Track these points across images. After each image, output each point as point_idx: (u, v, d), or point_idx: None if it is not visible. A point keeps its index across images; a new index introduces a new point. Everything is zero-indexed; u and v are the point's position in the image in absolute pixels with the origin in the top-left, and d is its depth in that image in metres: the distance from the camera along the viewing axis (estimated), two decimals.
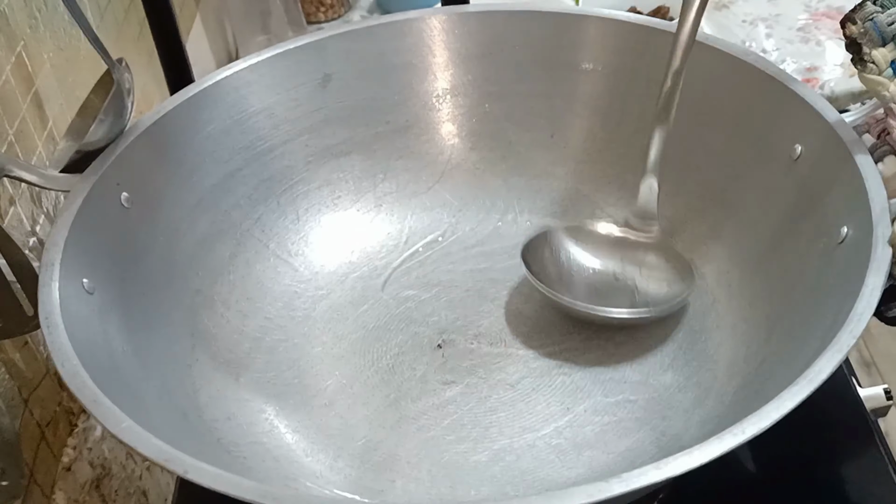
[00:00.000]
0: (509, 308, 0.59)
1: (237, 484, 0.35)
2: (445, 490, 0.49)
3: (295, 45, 0.61)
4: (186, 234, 0.57)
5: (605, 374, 0.54)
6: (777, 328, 0.49)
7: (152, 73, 0.80)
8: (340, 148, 0.64)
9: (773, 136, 0.54)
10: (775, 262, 0.52)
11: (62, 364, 0.41)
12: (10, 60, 0.53)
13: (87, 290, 0.47)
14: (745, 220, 0.55)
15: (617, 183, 0.63)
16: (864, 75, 0.46)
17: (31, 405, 0.52)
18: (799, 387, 0.37)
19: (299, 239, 0.62)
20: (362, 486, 0.49)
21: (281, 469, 0.49)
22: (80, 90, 0.62)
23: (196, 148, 0.58)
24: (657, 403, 0.51)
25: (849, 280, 0.43)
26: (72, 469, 0.56)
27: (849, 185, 0.47)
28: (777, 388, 0.38)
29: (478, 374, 0.55)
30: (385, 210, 0.65)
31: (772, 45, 1.06)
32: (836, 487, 0.48)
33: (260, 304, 0.59)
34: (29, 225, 0.54)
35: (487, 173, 0.65)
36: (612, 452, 0.49)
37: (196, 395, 0.51)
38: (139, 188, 0.54)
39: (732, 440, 0.35)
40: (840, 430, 0.51)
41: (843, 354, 0.38)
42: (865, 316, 0.39)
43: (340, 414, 0.53)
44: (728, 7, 1.13)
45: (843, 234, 0.46)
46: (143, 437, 0.37)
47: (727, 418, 0.45)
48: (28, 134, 0.55)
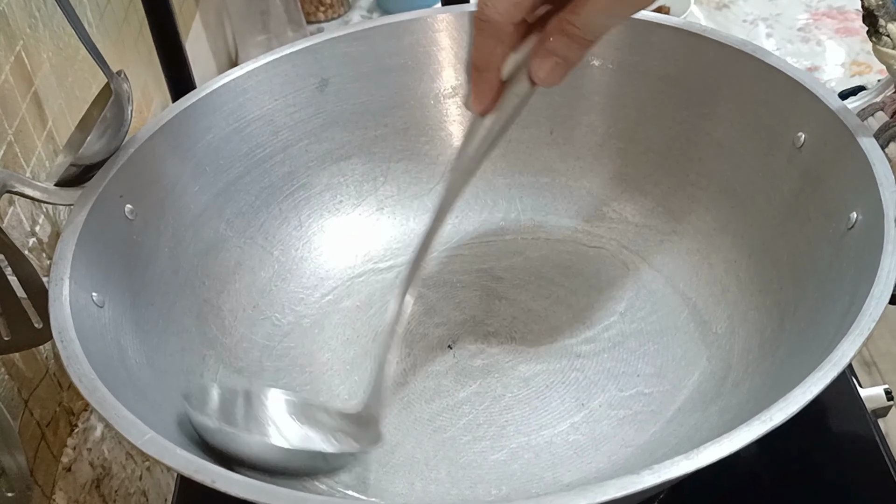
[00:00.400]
0: (518, 306, 0.59)
1: (269, 491, 0.35)
2: (466, 490, 0.48)
3: (291, 49, 0.61)
4: (191, 244, 0.56)
5: (617, 369, 0.54)
6: (790, 315, 0.49)
7: (152, 73, 0.80)
8: (340, 152, 0.64)
9: (775, 124, 0.54)
10: (784, 249, 0.52)
11: (79, 379, 0.40)
12: (10, 60, 0.53)
13: (97, 303, 0.47)
14: (751, 210, 0.56)
15: (618, 178, 0.63)
16: (878, 48, 0.46)
17: (31, 405, 0.52)
18: (823, 371, 0.37)
19: (303, 245, 0.62)
20: (382, 489, 0.49)
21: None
22: (79, 90, 0.61)
23: (197, 157, 0.57)
24: (672, 395, 0.51)
25: (861, 265, 0.44)
26: (72, 469, 0.56)
27: (855, 170, 0.47)
28: (798, 373, 0.38)
29: (490, 373, 0.54)
30: (387, 213, 0.65)
31: (772, 44, 1.07)
32: (836, 488, 0.48)
33: (267, 311, 0.59)
34: (28, 225, 0.54)
35: (488, 172, 0.65)
36: (631, 446, 0.49)
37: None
38: (142, 199, 0.53)
39: (761, 427, 0.35)
40: (840, 431, 0.51)
41: (865, 337, 0.38)
42: (884, 298, 0.39)
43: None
44: (728, 7, 1.13)
45: (852, 219, 0.46)
46: (168, 448, 0.37)
47: (747, 406, 0.45)
48: (27, 133, 0.54)
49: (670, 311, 0.56)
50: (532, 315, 0.58)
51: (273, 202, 0.61)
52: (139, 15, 0.76)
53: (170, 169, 0.56)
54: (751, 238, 0.55)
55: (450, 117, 0.65)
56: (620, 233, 0.62)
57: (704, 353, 0.53)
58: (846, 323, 0.40)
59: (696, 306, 0.56)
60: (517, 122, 0.64)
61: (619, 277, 0.59)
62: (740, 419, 0.36)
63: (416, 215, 0.65)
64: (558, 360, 0.55)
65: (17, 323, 0.47)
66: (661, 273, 0.59)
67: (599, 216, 0.63)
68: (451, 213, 0.64)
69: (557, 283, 0.60)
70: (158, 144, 0.55)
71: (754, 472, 0.49)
